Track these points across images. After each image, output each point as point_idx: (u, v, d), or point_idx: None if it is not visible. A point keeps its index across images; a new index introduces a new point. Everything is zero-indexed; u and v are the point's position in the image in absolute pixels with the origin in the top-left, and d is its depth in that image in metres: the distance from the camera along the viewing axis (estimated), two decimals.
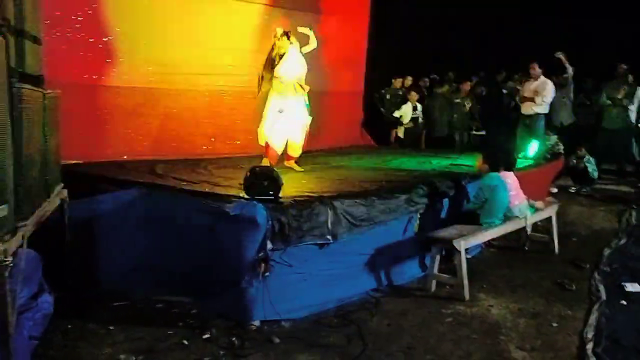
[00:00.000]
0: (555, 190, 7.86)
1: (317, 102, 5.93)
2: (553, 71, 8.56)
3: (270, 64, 5.60)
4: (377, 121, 9.90)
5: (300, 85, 5.63)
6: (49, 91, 3.45)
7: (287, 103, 5.56)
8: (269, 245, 3.58)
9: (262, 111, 5.67)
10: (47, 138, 3.39)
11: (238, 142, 6.85)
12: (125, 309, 3.90)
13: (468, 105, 9.57)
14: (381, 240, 4.48)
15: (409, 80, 10.26)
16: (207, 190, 4.23)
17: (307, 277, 3.91)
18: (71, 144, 5.19)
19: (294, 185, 4.58)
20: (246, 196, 3.79)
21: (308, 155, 6.25)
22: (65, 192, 3.91)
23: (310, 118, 5.77)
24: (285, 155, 5.84)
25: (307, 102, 5.76)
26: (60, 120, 4.05)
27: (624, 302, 4.19)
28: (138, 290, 4.06)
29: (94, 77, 5.73)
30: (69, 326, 3.56)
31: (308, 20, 5.87)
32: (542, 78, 8.30)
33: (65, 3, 5.43)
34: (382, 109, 9.87)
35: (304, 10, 7.26)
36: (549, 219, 5.59)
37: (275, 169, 4.22)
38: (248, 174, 3.83)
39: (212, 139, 6.71)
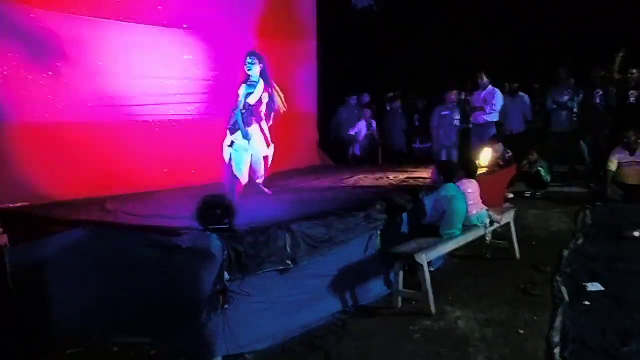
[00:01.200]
0: (511, 196, 7.98)
1: (272, 125, 5.86)
2: (501, 80, 8.79)
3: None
4: (333, 140, 9.91)
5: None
6: None
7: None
8: (226, 276, 3.43)
9: None
10: None
11: (192, 172, 6.69)
12: (79, 356, 3.68)
13: (457, 118, 8.79)
14: (344, 260, 4.39)
15: (366, 97, 10.31)
16: (157, 223, 4.07)
17: (269, 306, 3.78)
18: (12, 186, 4.97)
19: (249, 211, 4.47)
20: (199, 227, 3.65)
21: (265, 179, 6.15)
22: (5, 238, 3.70)
23: (272, 146, 5.69)
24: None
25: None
26: None
27: (587, 303, 4.22)
28: (92, 335, 3.84)
29: (35, 114, 5.49)
30: None
31: (254, 46, 5.81)
32: (490, 87, 8.52)
33: None
34: (339, 128, 9.90)
35: (250, 37, 7.24)
36: (508, 224, 5.64)
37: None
38: (200, 203, 3.70)
39: (165, 170, 6.53)
